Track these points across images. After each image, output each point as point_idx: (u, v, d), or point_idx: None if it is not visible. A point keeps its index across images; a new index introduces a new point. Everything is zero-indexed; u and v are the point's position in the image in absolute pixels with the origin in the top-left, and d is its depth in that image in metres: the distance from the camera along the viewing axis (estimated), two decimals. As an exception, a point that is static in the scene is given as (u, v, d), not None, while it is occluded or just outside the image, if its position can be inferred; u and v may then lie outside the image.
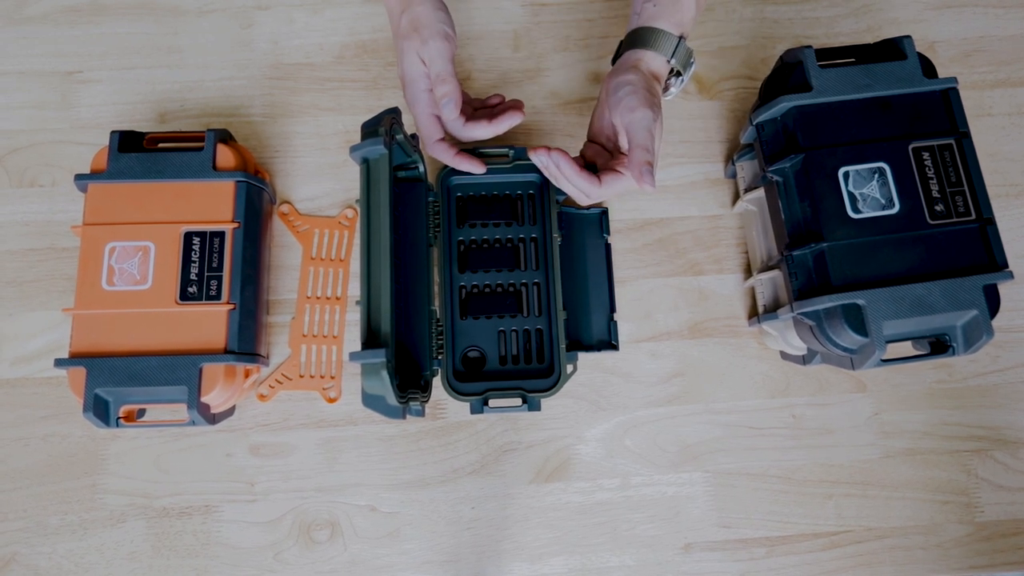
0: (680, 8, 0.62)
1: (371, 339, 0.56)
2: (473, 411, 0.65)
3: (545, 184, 0.71)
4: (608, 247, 0.73)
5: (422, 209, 0.70)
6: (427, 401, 0.64)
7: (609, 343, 0.71)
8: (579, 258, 0.72)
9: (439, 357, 0.67)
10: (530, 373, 0.68)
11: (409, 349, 0.66)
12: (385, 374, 0.54)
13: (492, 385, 0.66)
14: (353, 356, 0.55)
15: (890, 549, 0.69)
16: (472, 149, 0.71)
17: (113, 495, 0.68)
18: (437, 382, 0.68)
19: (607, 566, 0.68)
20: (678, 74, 0.65)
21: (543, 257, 0.70)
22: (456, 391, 0.66)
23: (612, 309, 0.71)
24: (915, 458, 0.71)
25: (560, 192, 0.71)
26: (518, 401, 0.65)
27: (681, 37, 0.62)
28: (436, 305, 0.69)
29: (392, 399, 0.56)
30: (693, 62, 0.65)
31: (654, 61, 0.62)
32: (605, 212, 0.74)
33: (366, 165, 0.60)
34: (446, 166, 0.71)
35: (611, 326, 0.71)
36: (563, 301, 0.68)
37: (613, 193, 0.62)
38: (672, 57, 0.62)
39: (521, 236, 0.71)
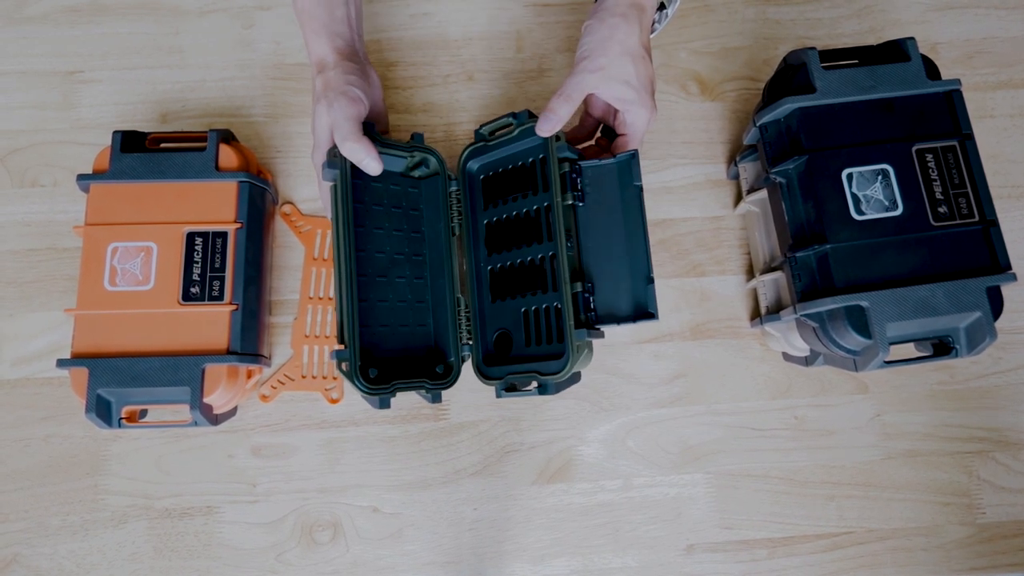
0: None
1: (339, 339, 0.61)
2: (498, 395, 0.63)
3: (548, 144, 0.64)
4: (640, 192, 0.63)
5: (441, 202, 0.70)
6: (449, 386, 0.66)
7: (646, 311, 0.61)
8: (609, 216, 0.64)
9: (469, 343, 0.67)
10: (547, 355, 0.63)
11: (434, 338, 0.68)
12: (344, 368, 0.59)
13: (513, 369, 0.64)
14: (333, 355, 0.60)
15: (892, 550, 0.69)
16: (478, 128, 0.69)
17: (115, 496, 0.68)
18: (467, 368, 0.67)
19: (609, 567, 0.68)
20: (661, 7, 0.64)
21: (557, 225, 0.62)
22: (485, 376, 0.66)
23: (649, 270, 0.62)
24: (917, 459, 0.71)
25: (571, 149, 0.64)
26: (535, 385, 0.62)
27: None
28: (463, 292, 0.69)
29: (361, 392, 0.60)
30: None
31: None
32: (634, 155, 0.63)
33: (334, 188, 0.63)
34: (465, 150, 0.69)
35: (648, 291, 0.61)
36: (590, 271, 0.62)
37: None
38: None
39: (540, 205, 0.66)
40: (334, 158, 0.62)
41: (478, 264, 0.69)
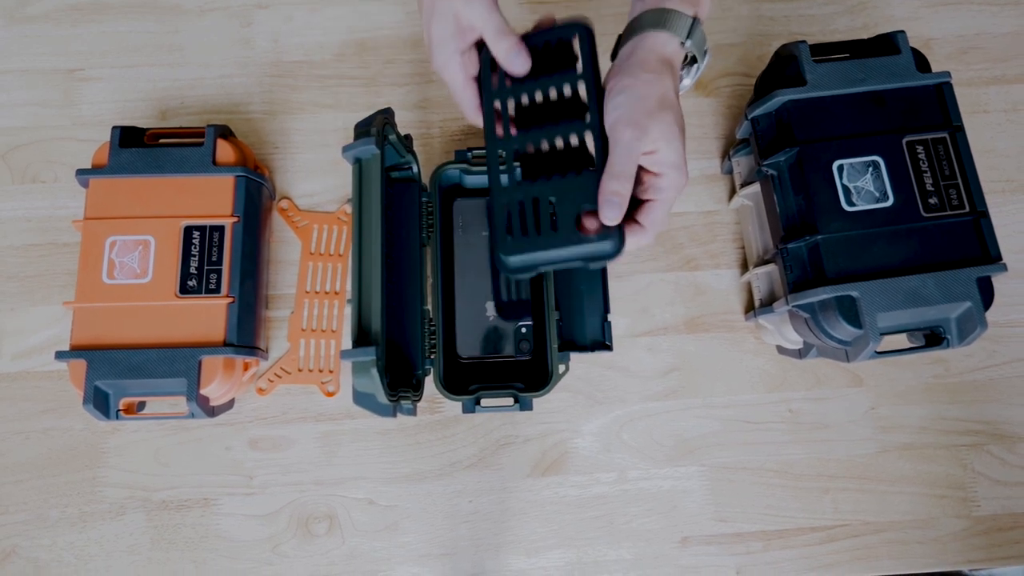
0: None
1: (361, 337, 0.56)
2: (465, 410, 0.64)
3: None
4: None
5: (415, 209, 0.69)
6: (419, 400, 0.64)
7: (603, 343, 0.69)
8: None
9: (432, 357, 0.66)
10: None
11: (402, 348, 0.66)
12: (375, 372, 0.54)
13: (484, 384, 0.65)
14: (344, 354, 0.54)
15: (887, 543, 0.69)
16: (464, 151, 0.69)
17: (113, 488, 0.69)
18: (429, 381, 0.66)
19: (604, 559, 0.68)
20: (693, 61, 0.57)
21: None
22: (449, 391, 0.65)
23: (606, 310, 0.70)
24: (912, 452, 0.71)
25: None
26: (510, 400, 0.65)
27: (695, 18, 0.53)
28: (429, 304, 0.68)
29: (382, 397, 0.56)
30: (708, 49, 0.56)
31: (667, 45, 0.54)
32: None
33: (358, 165, 0.59)
34: (440, 166, 0.69)
35: (605, 326, 0.69)
36: (556, 302, 0.67)
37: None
38: (688, 39, 0.54)
39: None
40: (369, 136, 0.58)
41: (445, 280, 0.69)
